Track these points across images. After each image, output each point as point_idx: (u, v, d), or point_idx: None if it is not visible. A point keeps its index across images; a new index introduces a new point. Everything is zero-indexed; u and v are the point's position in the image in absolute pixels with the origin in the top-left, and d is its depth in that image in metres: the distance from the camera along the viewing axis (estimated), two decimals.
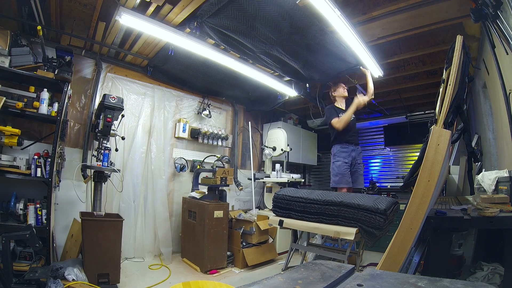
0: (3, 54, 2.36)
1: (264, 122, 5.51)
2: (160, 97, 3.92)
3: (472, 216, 1.54)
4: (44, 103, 2.53)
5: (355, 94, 3.52)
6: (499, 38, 1.83)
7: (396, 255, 1.43)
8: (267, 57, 3.04)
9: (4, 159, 2.37)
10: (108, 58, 3.49)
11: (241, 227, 3.58)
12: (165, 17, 2.63)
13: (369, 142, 5.86)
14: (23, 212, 2.42)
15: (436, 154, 1.44)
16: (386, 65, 3.49)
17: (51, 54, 2.74)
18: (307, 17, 2.41)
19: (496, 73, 1.92)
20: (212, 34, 2.64)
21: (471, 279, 1.81)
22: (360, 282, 0.76)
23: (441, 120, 1.56)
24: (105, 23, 2.80)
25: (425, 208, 1.40)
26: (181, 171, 3.99)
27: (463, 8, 2.23)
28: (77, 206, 3.03)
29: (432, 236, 1.71)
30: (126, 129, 3.49)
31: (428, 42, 3.08)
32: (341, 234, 2.04)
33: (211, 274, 3.09)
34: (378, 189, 5.05)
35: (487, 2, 1.84)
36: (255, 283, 0.79)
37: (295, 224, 2.32)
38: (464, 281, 0.73)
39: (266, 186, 4.85)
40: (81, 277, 2.33)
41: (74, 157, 3.14)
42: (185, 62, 3.44)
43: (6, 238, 1.95)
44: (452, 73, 1.67)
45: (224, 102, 4.86)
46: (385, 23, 2.69)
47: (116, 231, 2.58)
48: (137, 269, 3.11)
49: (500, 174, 1.92)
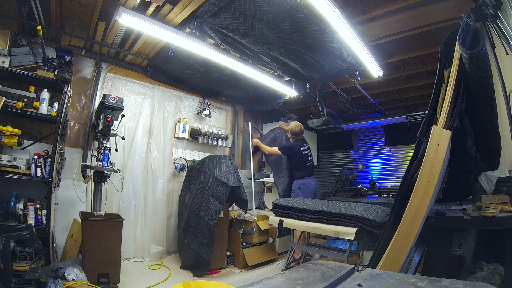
0: (3, 54, 2.36)
1: (264, 122, 5.51)
2: (160, 97, 3.92)
3: (472, 216, 1.54)
4: (44, 103, 2.53)
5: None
6: (499, 38, 1.83)
7: (396, 255, 1.44)
8: (267, 57, 3.04)
9: (4, 159, 2.37)
10: (108, 58, 3.49)
11: (241, 227, 3.59)
12: (165, 17, 2.63)
13: (369, 142, 5.87)
14: (23, 212, 2.42)
15: (436, 154, 1.44)
16: (386, 65, 3.48)
17: (51, 54, 2.74)
18: (307, 17, 2.40)
19: (496, 73, 1.92)
20: (212, 34, 2.64)
21: (471, 279, 1.80)
22: (360, 282, 0.77)
23: (441, 120, 1.56)
24: (105, 23, 2.80)
25: (425, 208, 1.40)
26: (181, 171, 3.99)
27: (463, 8, 2.23)
28: (77, 206, 3.03)
29: (432, 236, 1.71)
30: (126, 129, 3.49)
31: (428, 42, 3.08)
32: (341, 234, 2.05)
33: (211, 274, 3.09)
34: (378, 189, 5.05)
35: (487, 2, 1.84)
36: (255, 283, 0.80)
37: (295, 224, 2.32)
38: (464, 281, 0.73)
39: (266, 186, 4.86)
40: (81, 277, 2.33)
41: (74, 157, 3.13)
42: (185, 62, 3.44)
43: (6, 238, 1.95)
44: (452, 73, 1.67)
45: (224, 102, 4.86)
46: (385, 23, 2.69)
47: (116, 231, 2.58)
48: (137, 269, 3.11)
49: (500, 174, 1.92)
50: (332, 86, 4.15)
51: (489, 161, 2.06)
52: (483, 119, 1.95)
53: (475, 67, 1.68)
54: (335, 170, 6.07)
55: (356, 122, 5.49)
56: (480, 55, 1.63)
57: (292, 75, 3.54)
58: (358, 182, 5.59)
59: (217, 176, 3.17)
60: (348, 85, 4.14)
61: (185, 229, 3.32)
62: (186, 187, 3.75)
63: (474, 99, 1.88)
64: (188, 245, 3.20)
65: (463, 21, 1.84)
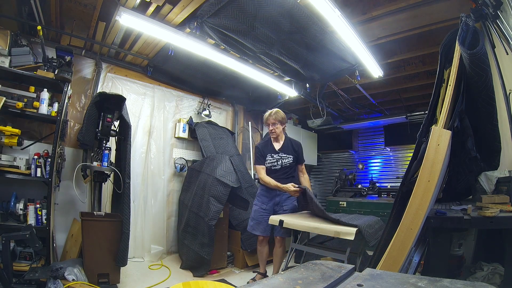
0: (3, 54, 2.36)
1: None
2: (160, 97, 3.92)
3: (472, 216, 1.54)
4: (44, 103, 2.53)
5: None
6: (499, 38, 1.83)
7: (396, 255, 1.44)
8: (267, 57, 3.04)
9: (4, 159, 2.37)
10: (108, 58, 3.49)
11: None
12: (165, 17, 2.63)
13: (369, 142, 5.87)
14: (23, 212, 2.41)
15: (436, 154, 1.44)
16: (386, 65, 3.49)
17: (51, 54, 2.73)
18: (307, 17, 2.41)
19: (496, 73, 1.92)
20: (212, 34, 2.64)
21: (471, 279, 1.80)
22: (360, 282, 0.76)
23: (441, 120, 1.56)
24: (105, 23, 2.80)
25: (425, 208, 1.40)
26: (181, 171, 3.99)
27: (463, 8, 2.23)
28: (77, 206, 3.03)
29: (432, 236, 1.71)
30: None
31: (428, 42, 3.08)
32: (341, 234, 2.04)
33: (211, 274, 3.10)
34: (378, 189, 5.05)
35: (487, 2, 1.84)
36: (255, 283, 0.80)
37: (295, 224, 2.32)
38: (464, 281, 0.73)
39: None
40: (81, 277, 2.33)
41: (74, 157, 3.14)
42: (185, 62, 3.44)
43: (6, 238, 1.95)
44: (452, 73, 1.67)
45: (224, 102, 4.86)
46: (385, 23, 2.69)
47: (116, 231, 2.58)
48: (137, 269, 3.11)
49: (500, 174, 1.92)
50: (332, 86, 4.16)
51: (489, 161, 2.06)
52: (483, 119, 1.96)
53: (475, 67, 1.68)
54: (335, 170, 6.07)
55: (356, 122, 5.49)
56: (480, 55, 1.63)
57: (292, 75, 3.54)
58: (358, 182, 5.59)
59: (217, 176, 3.17)
60: (348, 85, 4.14)
61: (185, 229, 3.32)
62: (186, 187, 3.76)
63: (474, 99, 1.88)
64: (188, 245, 3.20)
65: (463, 21, 1.84)
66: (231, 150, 4.31)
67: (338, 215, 2.38)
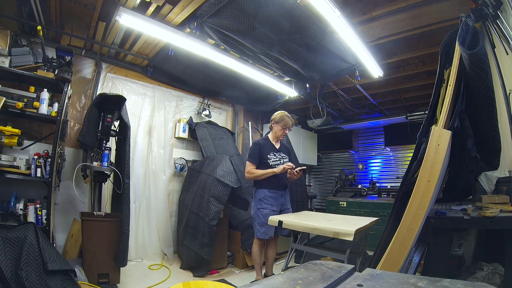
0: (3, 54, 2.36)
1: (264, 122, 5.50)
2: (160, 97, 3.92)
3: (472, 216, 1.54)
4: (44, 103, 2.53)
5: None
6: (499, 38, 1.83)
7: (396, 255, 1.44)
8: (267, 57, 3.04)
9: (4, 159, 2.37)
10: (108, 58, 3.49)
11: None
12: (165, 17, 2.63)
13: (369, 142, 5.87)
14: (23, 212, 2.41)
15: (436, 154, 1.44)
16: (386, 65, 3.49)
17: (51, 54, 2.73)
18: (307, 17, 2.41)
19: (496, 73, 1.92)
20: (212, 34, 2.64)
21: (471, 279, 1.80)
22: (360, 282, 0.76)
23: (441, 120, 1.56)
24: (105, 23, 2.80)
25: (425, 208, 1.40)
26: (181, 171, 3.99)
27: (463, 8, 2.23)
28: (77, 206, 3.03)
29: (432, 236, 1.71)
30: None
31: (428, 42, 3.08)
32: (340, 235, 2.04)
33: (211, 274, 3.10)
34: (378, 189, 5.05)
35: (487, 2, 1.84)
36: (255, 283, 0.80)
37: (294, 224, 2.32)
38: (464, 281, 0.73)
39: None
40: (81, 277, 2.33)
41: (74, 157, 3.14)
42: (185, 62, 3.44)
43: None
44: (452, 74, 1.67)
45: (224, 102, 4.86)
46: (385, 23, 2.69)
47: (116, 231, 2.58)
48: (137, 269, 3.11)
49: (500, 174, 1.92)
50: (332, 86, 4.16)
51: (489, 161, 2.06)
52: (483, 119, 1.96)
53: (475, 67, 1.68)
54: (335, 170, 6.07)
55: (356, 122, 5.49)
56: (480, 55, 1.63)
57: (292, 75, 3.54)
58: (358, 182, 5.60)
59: (217, 176, 3.17)
60: (348, 85, 4.14)
61: (185, 229, 3.32)
62: (186, 188, 3.76)
63: (474, 99, 1.88)
64: (188, 245, 3.20)
65: (463, 21, 1.84)
66: (231, 150, 4.31)
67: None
